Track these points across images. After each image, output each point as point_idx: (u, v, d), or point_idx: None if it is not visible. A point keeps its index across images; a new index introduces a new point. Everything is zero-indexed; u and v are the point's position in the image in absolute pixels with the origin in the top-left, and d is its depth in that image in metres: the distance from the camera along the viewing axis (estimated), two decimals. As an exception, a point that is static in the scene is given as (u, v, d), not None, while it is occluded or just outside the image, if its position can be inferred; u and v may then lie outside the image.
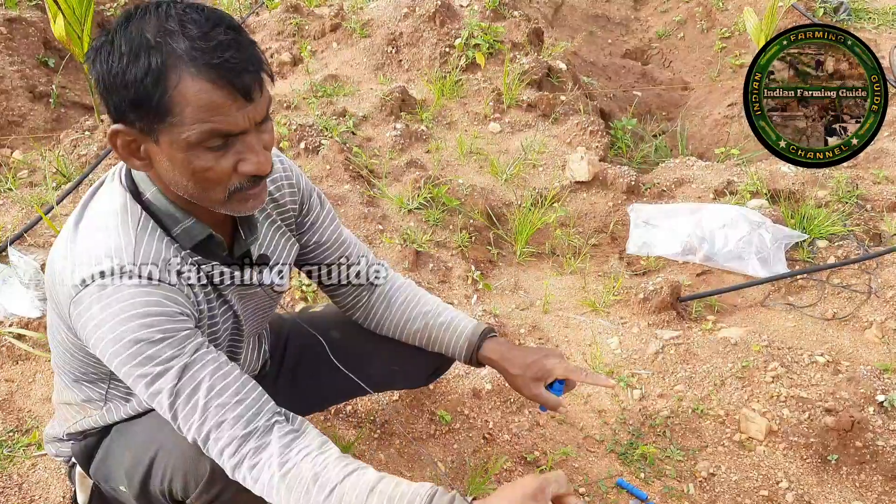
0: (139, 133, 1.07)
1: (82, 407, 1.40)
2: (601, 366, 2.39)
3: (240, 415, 1.13)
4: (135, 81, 1.02)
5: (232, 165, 1.08)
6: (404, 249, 2.67)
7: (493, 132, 3.63)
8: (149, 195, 1.18)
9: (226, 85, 1.02)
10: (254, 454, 1.12)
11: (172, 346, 1.11)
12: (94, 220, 1.18)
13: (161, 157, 1.08)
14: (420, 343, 1.58)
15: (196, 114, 1.02)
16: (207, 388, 1.12)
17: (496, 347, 1.53)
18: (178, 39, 1.01)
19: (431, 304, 1.60)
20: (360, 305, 1.60)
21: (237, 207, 1.16)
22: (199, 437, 1.13)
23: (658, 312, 2.59)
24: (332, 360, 1.65)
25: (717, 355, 2.37)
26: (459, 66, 3.88)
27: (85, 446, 1.43)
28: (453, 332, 1.55)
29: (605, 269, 2.95)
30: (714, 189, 3.19)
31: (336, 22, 4.23)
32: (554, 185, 3.25)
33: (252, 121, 1.07)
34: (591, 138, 3.59)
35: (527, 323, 2.59)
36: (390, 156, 3.29)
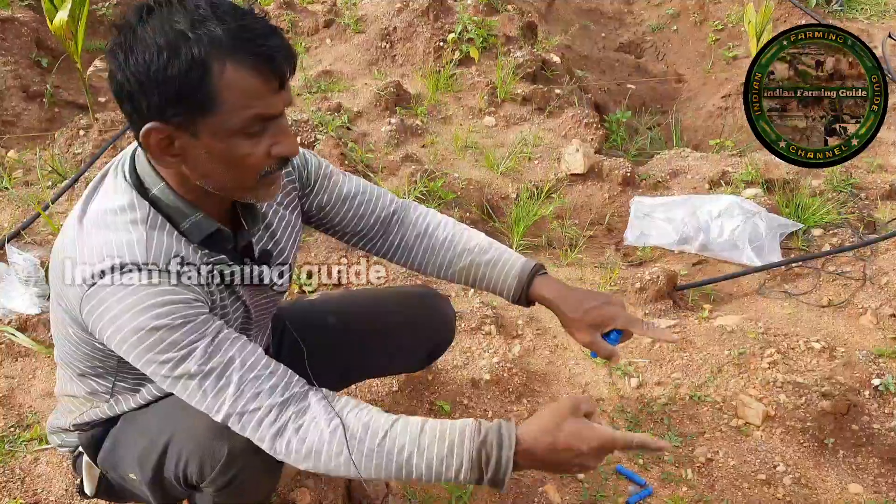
0: (175, 129, 1.07)
1: (87, 399, 1.40)
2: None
3: (275, 384, 1.15)
4: (178, 75, 1.01)
5: (267, 150, 1.10)
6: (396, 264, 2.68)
7: (488, 126, 3.64)
8: (155, 191, 1.17)
9: (267, 71, 1.04)
10: (297, 417, 1.14)
11: (194, 329, 1.11)
12: (102, 218, 1.17)
13: (198, 149, 1.08)
14: (467, 281, 1.51)
15: (241, 101, 1.04)
16: (240, 363, 1.13)
17: (551, 285, 1.45)
18: (216, 29, 1.02)
19: (476, 239, 1.51)
20: (398, 247, 1.53)
21: (263, 193, 1.18)
22: (235, 411, 1.13)
23: (655, 302, 2.60)
24: (327, 346, 1.65)
25: (713, 343, 2.39)
26: (453, 61, 3.89)
27: (92, 436, 1.43)
28: (501, 269, 1.47)
29: (602, 260, 2.96)
30: (709, 179, 3.21)
31: (329, 18, 4.24)
32: (550, 178, 3.27)
33: (285, 104, 1.10)
34: (585, 131, 3.61)
35: (525, 314, 2.60)
36: (386, 150, 3.30)
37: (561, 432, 1.13)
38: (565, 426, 1.13)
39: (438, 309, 1.77)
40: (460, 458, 1.13)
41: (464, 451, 1.13)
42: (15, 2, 4.86)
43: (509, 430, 1.14)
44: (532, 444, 1.13)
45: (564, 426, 1.13)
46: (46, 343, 2.32)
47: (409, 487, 1.88)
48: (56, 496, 1.85)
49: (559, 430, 1.13)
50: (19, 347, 2.30)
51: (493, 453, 1.12)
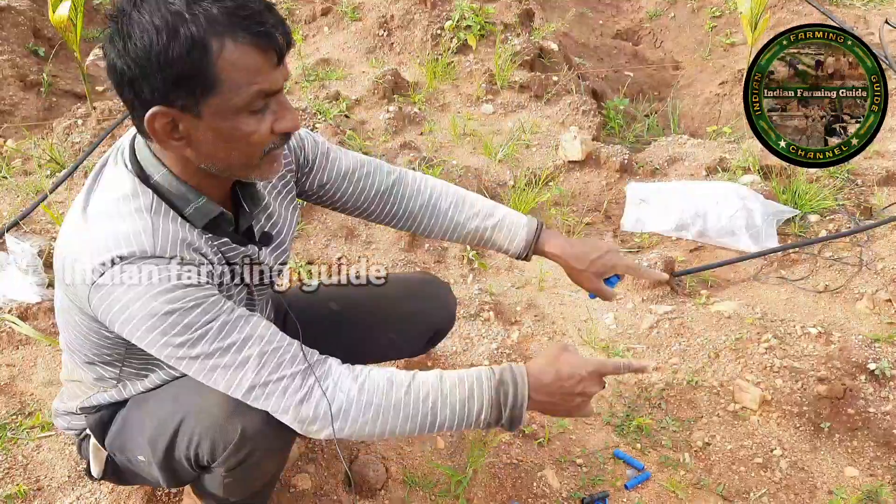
0: (179, 111, 1.06)
1: (94, 384, 1.42)
2: (597, 341, 2.42)
3: (294, 354, 1.19)
4: (180, 57, 1.01)
5: (270, 126, 1.11)
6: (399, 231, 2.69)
7: (485, 113, 3.64)
8: (157, 178, 1.18)
9: (266, 47, 1.05)
10: (322, 381, 1.19)
11: (207, 311, 1.13)
12: (105, 206, 1.17)
13: (202, 131, 1.09)
14: (473, 243, 1.61)
15: (243, 78, 1.04)
16: (258, 337, 1.16)
17: (556, 242, 1.56)
18: (213, 7, 1.02)
19: (479, 205, 1.58)
20: (401, 216, 1.58)
21: (265, 170, 1.18)
22: (259, 382, 1.15)
23: (652, 288, 2.62)
24: (329, 331, 1.69)
25: (711, 328, 2.41)
26: (451, 48, 3.88)
27: (100, 418, 1.45)
28: (508, 232, 1.55)
29: (600, 246, 2.97)
30: (707, 166, 3.22)
31: (327, 6, 4.23)
32: (548, 165, 3.27)
33: (285, 78, 1.12)
34: (583, 118, 3.60)
35: (523, 301, 2.61)
36: (384, 138, 3.30)
37: (561, 363, 1.28)
38: (563, 357, 1.29)
39: (440, 296, 1.79)
40: (480, 400, 1.24)
41: (483, 392, 1.24)
42: (9, -10, 4.84)
43: (520, 368, 1.27)
44: (540, 377, 1.26)
45: (562, 357, 1.29)
46: (47, 331, 2.33)
47: (409, 472, 1.89)
48: (59, 482, 1.87)
49: (558, 361, 1.28)
50: (20, 336, 2.31)
51: (509, 390, 1.24)
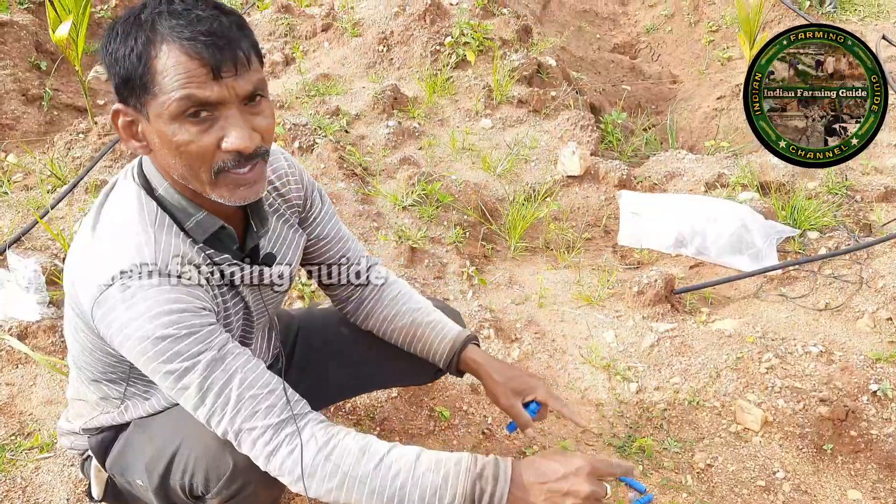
0: (134, 111, 1.12)
1: (98, 404, 1.42)
2: (598, 359, 2.42)
3: (273, 404, 1.16)
4: (124, 57, 1.08)
5: (215, 141, 1.10)
6: (399, 246, 2.69)
7: (484, 128, 3.65)
8: (161, 190, 1.20)
9: (199, 55, 1.06)
10: (291, 439, 1.16)
11: (199, 341, 1.13)
12: (112, 221, 1.20)
13: (151, 134, 1.12)
14: (403, 341, 1.60)
15: (172, 81, 1.06)
16: (240, 381, 1.15)
17: (480, 354, 1.56)
18: (163, 17, 1.07)
19: (422, 303, 1.63)
20: (352, 299, 1.64)
21: (226, 194, 1.15)
22: (232, 428, 1.15)
23: (653, 305, 2.62)
24: (339, 355, 1.70)
25: (711, 347, 2.40)
26: (450, 64, 3.89)
27: (101, 440, 1.45)
28: (438, 333, 1.57)
29: (600, 262, 2.97)
30: (705, 182, 3.22)
31: (327, 22, 4.24)
32: (546, 180, 3.28)
33: (232, 93, 1.08)
34: (581, 133, 3.61)
35: (523, 317, 2.61)
36: (384, 153, 3.30)
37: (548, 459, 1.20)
38: (554, 455, 1.20)
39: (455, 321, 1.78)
40: (454, 490, 1.15)
41: (458, 483, 1.15)
42: (13, 5, 4.85)
43: (506, 464, 1.18)
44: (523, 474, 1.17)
45: (553, 455, 1.20)
46: (46, 350, 2.32)
47: None
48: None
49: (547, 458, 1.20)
50: (19, 354, 2.30)
51: (487, 487, 1.15)
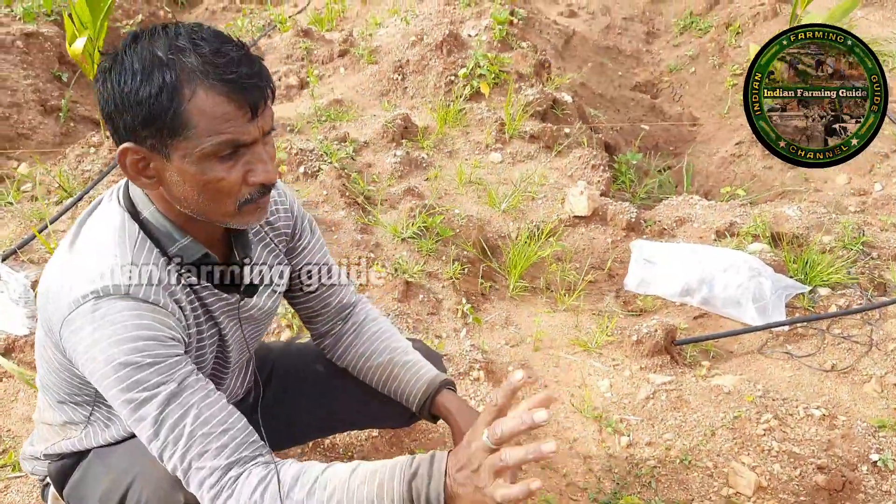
0: (149, 150, 1.08)
1: (63, 428, 1.39)
2: (590, 409, 2.33)
3: (224, 444, 1.13)
4: (149, 98, 1.04)
5: (241, 176, 1.11)
6: (395, 279, 2.64)
7: (494, 162, 3.60)
8: (146, 214, 1.19)
9: (238, 98, 1.05)
10: (232, 483, 1.12)
11: (160, 372, 1.11)
12: (91, 239, 1.19)
13: (171, 172, 1.10)
14: (378, 381, 1.55)
15: (211, 125, 1.05)
16: (194, 417, 1.12)
17: (454, 400, 1.50)
18: (191, 56, 1.04)
19: (401, 343, 1.59)
20: (331, 333, 1.61)
21: (246, 219, 1.17)
22: (181, 465, 1.13)
23: (651, 356, 2.53)
24: (313, 393, 1.66)
25: (708, 403, 2.31)
26: (464, 95, 3.87)
27: (61, 467, 1.42)
28: (414, 374, 1.52)
29: (601, 307, 2.89)
30: (716, 230, 3.14)
31: (345, 48, 4.24)
32: (552, 219, 3.21)
33: (261, 132, 1.10)
34: (592, 172, 3.55)
35: (516, 360, 2.54)
36: (389, 182, 3.27)
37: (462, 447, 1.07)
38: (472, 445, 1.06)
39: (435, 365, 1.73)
40: (391, 496, 1.09)
41: (394, 488, 1.09)
42: (41, 16, 4.94)
43: (441, 460, 1.09)
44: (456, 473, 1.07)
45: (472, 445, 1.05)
46: (32, 365, 2.29)
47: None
48: (20, 530, 1.81)
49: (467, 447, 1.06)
50: (2, 369, 2.28)
51: (422, 487, 1.08)
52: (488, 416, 1.06)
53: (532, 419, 0.99)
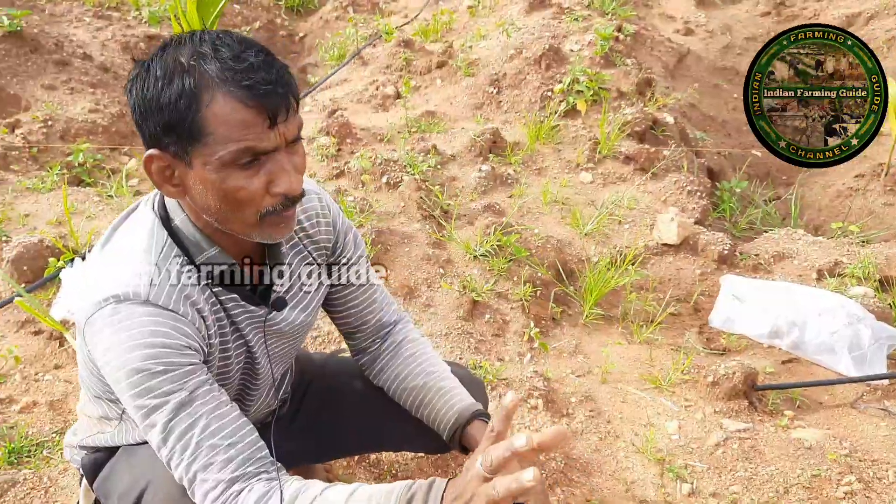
0: (172, 157, 1.08)
1: (99, 421, 1.42)
2: (653, 451, 2.19)
3: (230, 458, 1.12)
4: (169, 104, 1.04)
5: (264, 186, 1.09)
6: (461, 297, 2.58)
7: (583, 182, 3.48)
8: (177, 222, 1.19)
9: (256, 105, 1.03)
10: (234, 497, 1.11)
11: (173, 380, 1.11)
12: (121, 243, 1.20)
13: (194, 180, 1.09)
14: (412, 404, 1.50)
15: (228, 132, 1.03)
16: (202, 427, 1.12)
17: None
18: (211, 62, 1.03)
19: (438, 367, 1.53)
20: (369, 351, 1.58)
21: (269, 232, 1.15)
22: (187, 475, 1.13)
23: (728, 399, 2.35)
24: (349, 410, 1.63)
25: (785, 457, 2.11)
26: (559, 112, 3.76)
27: (94, 460, 1.45)
28: (447, 402, 1.45)
29: (680, 342, 2.72)
30: (818, 269, 2.89)
31: (443, 59, 4.24)
32: (638, 245, 3.06)
33: (283, 140, 1.08)
34: (688, 198, 3.37)
35: (580, 391, 2.42)
36: (471, 197, 3.22)
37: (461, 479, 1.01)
38: None
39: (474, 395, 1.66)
40: None
41: None
42: (164, 20, 5.23)
43: (438, 488, 1.03)
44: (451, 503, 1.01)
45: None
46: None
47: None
48: (70, 512, 1.88)
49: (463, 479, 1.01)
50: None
51: None
52: (487, 442, 1.02)
53: (513, 445, 0.92)
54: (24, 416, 2.19)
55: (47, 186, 3.28)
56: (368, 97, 4.10)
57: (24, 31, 4.13)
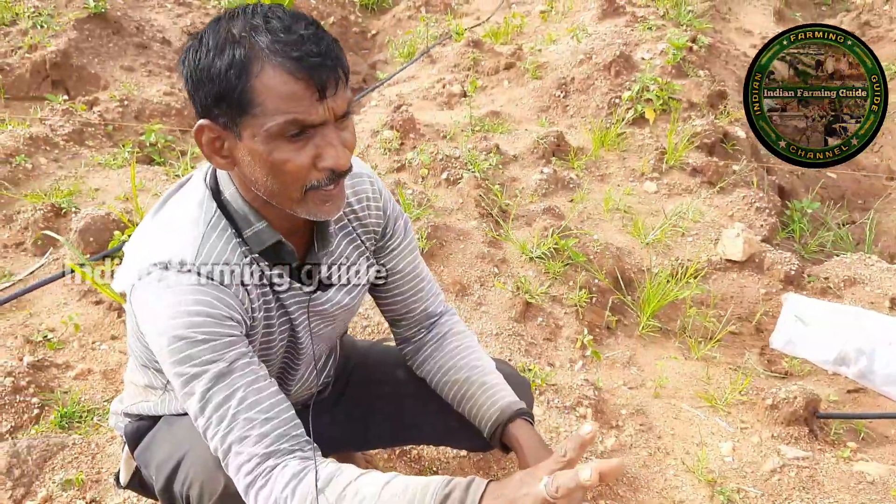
0: (222, 129, 1.09)
1: (144, 390, 1.43)
2: (704, 472, 2.10)
3: (265, 433, 1.11)
4: (219, 74, 1.04)
5: (310, 159, 1.08)
6: (514, 298, 2.53)
7: (647, 191, 3.40)
8: (227, 195, 1.19)
9: (305, 77, 1.03)
10: (267, 472, 1.10)
11: (214, 349, 1.11)
12: (171, 213, 1.21)
13: (242, 152, 1.09)
14: (454, 398, 1.47)
15: (276, 103, 1.03)
16: (239, 399, 1.11)
17: (528, 433, 1.37)
18: (262, 34, 1.04)
19: (482, 362, 1.49)
20: (414, 341, 1.55)
21: (314, 209, 1.14)
22: (222, 446, 1.12)
23: (787, 425, 2.24)
24: (390, 399, 1.61)
25: (845, 490, 2.00)
26: (626, 119, 3.68)
27: (137, 428, 1.46)
28: (489, 397, 1.41)
29: (739, 362, 2.62)
30: (891, 297, 2.75)
31: (511, 61, 4.20)
32: (700, 259, 2.96)
33: (331, 114, 1.07)
34: (756, 215, 3.25)
35: (631, 404, 2.34)
36: (530, 199, 3.17)
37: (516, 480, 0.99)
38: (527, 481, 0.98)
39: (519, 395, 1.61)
40: None
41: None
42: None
43: (477, 489, 1.00)
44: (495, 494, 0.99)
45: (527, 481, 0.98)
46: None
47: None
48: (113, 479, 1.90)
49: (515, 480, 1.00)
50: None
51: None
52: (554, 465, 1.00)
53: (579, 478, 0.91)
54: (78, 382, 2.23)
55: (118, 163, 3.37)
56: (434, 94, 4.09)
57: (108, 14, 4.26)
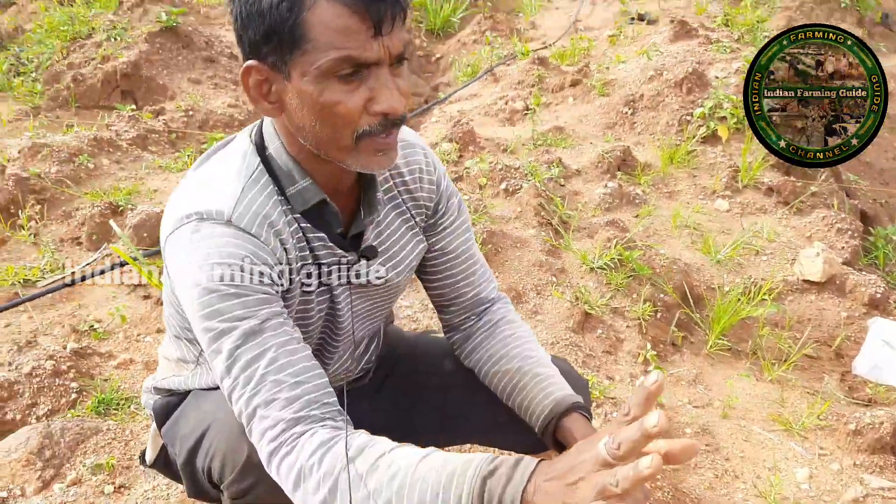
0: (270, 69, 1.02)
1: (176, 364, 1.37)
2: (778, 498, 1.91)
3: (294, 397, 1.02)
4: (270, 7, 0.97)
5: (362, 103, 1.01)
6: (573, 308, 2.40)
7: (718, 209, 3.23)
8: (271, 150, 1.13)
9: (360, 10, 0.96)
10: (293, 440, 1.01)
11: (245, 305, 1.04)
12: (213, 166, 1.16)
13: (290, 95, 1.03)
14: (503, 389, 1.34)
15: (329, 38, 0.97)
16: (269, 360, 1.03)
17: (584, 427, 1.23)
18: None
19: (536, 352, 1.37)
20: (463, 328, 1.44)
21: (366, 160, 1.06)
22: (246, 410, 1.04)
23: (871, 452, 2.03)
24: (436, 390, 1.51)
25: (941, 527, 1.78)
26: (697, 137, 3.53)
27: (166, 404, 1.39)
28: (543, 389, 1.28)
29: (817, 387, 2.41)
30: None
31: (577, 78, 4.12)
32: (776, 279, 2.77)
33: (386, 53, 1.00)
34: (836, 236, 3.04)
35: (697, 423, 2.17)
36: (593, 213, 3.04)
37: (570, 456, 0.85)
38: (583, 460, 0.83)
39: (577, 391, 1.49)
40: (459, 490, 0.90)
41: (465, 482, 0.90)
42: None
43: (527, 465, 0.88)
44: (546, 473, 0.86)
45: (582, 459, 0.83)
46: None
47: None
48: (146, 467, 1.84)
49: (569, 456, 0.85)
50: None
51: (497, 488, 0.88)
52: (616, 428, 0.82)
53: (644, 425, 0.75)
54: (119, 371, 2.20)
55: (178, 167, 3.40)
56: (496, 111, 4.03)
57: (179, 28, 4.37)
